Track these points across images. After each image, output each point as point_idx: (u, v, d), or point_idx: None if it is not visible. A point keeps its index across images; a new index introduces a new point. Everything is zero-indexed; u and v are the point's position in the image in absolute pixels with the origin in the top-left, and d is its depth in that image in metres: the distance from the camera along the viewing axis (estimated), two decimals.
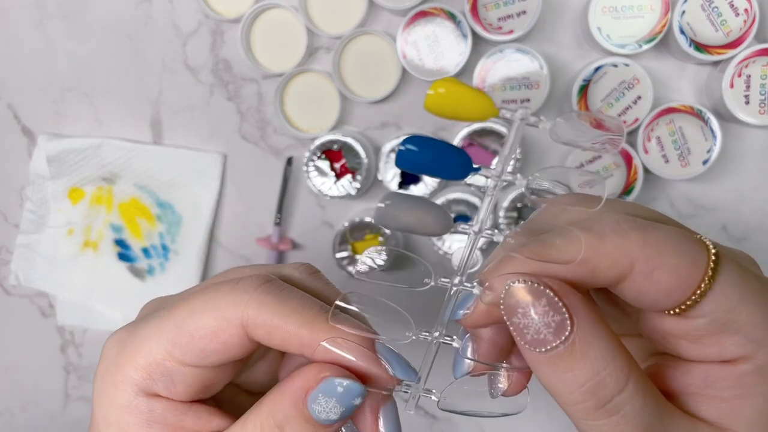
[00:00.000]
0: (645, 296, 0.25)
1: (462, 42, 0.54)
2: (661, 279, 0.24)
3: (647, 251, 0.24)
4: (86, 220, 0.62)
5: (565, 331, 0.23)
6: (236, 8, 0.58)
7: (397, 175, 0.56)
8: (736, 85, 0.52)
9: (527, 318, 0.24)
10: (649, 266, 0.24)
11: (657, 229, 0.25)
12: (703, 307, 0.24)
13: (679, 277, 0.24)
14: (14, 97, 0.63)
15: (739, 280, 0.24)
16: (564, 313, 0.23)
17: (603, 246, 0.24)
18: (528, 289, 0.24)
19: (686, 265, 0.24)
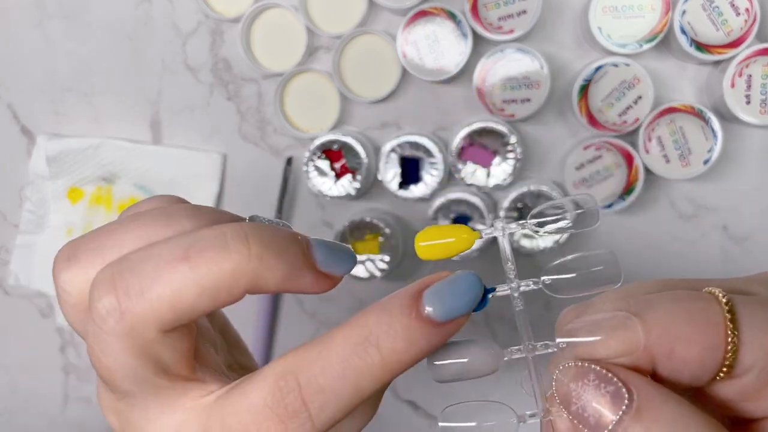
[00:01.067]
0: (681, 375, 0.23)
1: (462, 42, 0.54)
2: (685, 356, 0.22)
3: (655, 333, 0.22)
4: (86, 220, 0.62)
5: (623, 400, 0.22)
6: (236, 8, 0.57)
7: (397, 175, 0.56)
8: (737, 85, 0.52)
9: (582, 400, 0.22)
10: (666, 348, 0.22)
11: (657, 303, 0.23)
12: (742, 362, 0.23)
13: (700, 345, 0.22)
14: (14, 97, 0.63)
15: (765, 319, 0.23)
16: (615, 381, 0.22)
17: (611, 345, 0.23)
18: (574, 370, 0.23)
19: (701, 330, 0.22)
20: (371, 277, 0.57)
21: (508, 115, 0.54)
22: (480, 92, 0.54)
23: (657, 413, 0.21)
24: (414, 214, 0.60)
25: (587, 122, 0.53)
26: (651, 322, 0.23)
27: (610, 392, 0.22)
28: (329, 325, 0.62)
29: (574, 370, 0.23)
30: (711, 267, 0.57)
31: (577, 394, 0.22)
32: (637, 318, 0.23)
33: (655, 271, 0.58)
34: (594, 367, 0.22)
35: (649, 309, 0.23)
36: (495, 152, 0.55)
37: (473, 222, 0.56)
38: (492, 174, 0.55)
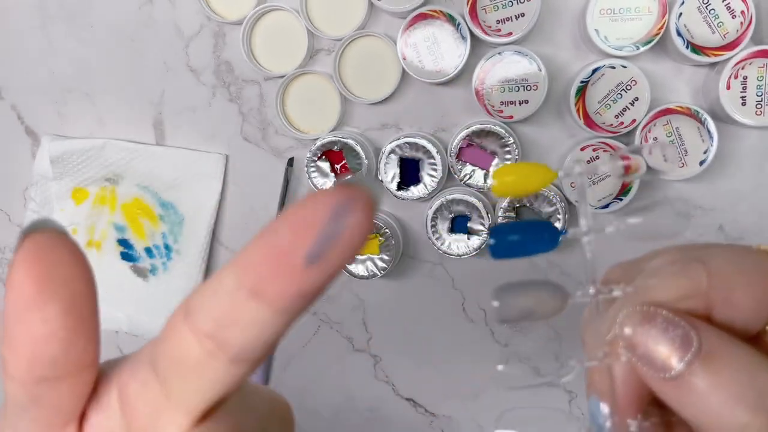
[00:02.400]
0: (736, 321, 0.23)
1: (461, 44, 0.55)
2: (741, 302, 0.23)
3: (715, 280, 0.23)
4: (89, 220, 0.63)
5: (692, 343, 0.22)
6: (238, 10, 0.58)
7: (396, 176, 0.57)
8: (732, 87, 0.52)
9: (649, 344, 0.22)
10: (723, 294, 0.23)
11: (714, 253, 0.24)
12: None
13: (756, 292, 0.23)
14: (17, 98, 0.64)
15: None
16: (684, 325, 0.22)
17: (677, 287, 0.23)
18: (640, 314, 0.23)
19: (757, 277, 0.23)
20: (371, 276, 0.58)
21: (507, 116, 0.55)
22: (478, 94, 0.55)
23: (725, 358, 0.21)
24: (413, 215, 0.60)
25: (584, 123, 0.54)
26: (711, 268, 0.23)
27: (679, 336, 0.22)
28: (330, 323, 0.63)
29: (640, 313, 0.23)
30: None
31: (644, 337, 0.22)
32: (699, 263, 0.23)
33: None
34: (662, 311, 0.22)
35: (708, 257, 0.23)
36: (493, 153, 0.56)
37: (472, 222, 0.56)
38: (490, 175, 0.56)
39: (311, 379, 0.64)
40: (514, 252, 0.24)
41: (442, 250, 0.57)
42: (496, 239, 0.24)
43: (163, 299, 0.63)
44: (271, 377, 0.64)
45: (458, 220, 0.57)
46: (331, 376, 0.64)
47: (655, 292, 0.23)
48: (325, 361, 0.64)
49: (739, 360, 0.21)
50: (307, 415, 0.65)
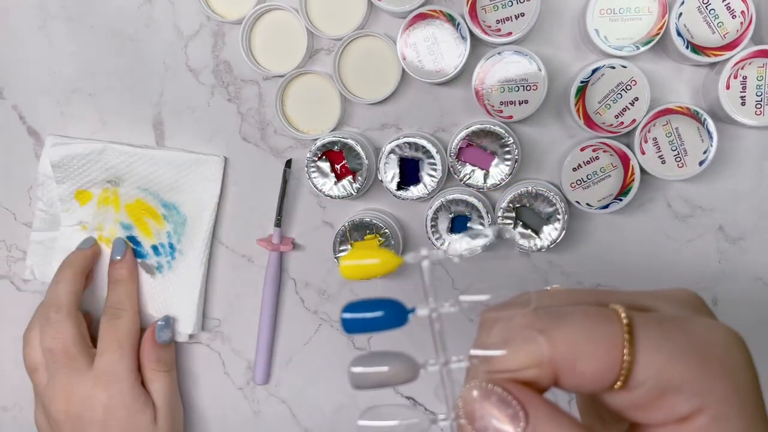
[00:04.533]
0: (581, 387, 0.25)
1: (461, 44, 0.55)
2: (584, 370, 0.25)
3: (560, 350, 0.25)
4: (97, 219, 0.63)
5: (519, 421, 0.24)
6: (237, 10, 0.58)
7: (396, 176, 0.57)
8: (732, 87, 0.52)
9: (485, 419, 0.25)
10: (568, 363, 0.25)
11: (563, 320, 0.25)
12: (635, 377, 0.25)
13: (599, 361, 0.24)
14: (19, 98, 0.64)
15: (660, 339, 0.25)
16: (515, 404, 0.24)
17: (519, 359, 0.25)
18: (478, 391, 0.25)
19: (601, 347, 0.24)
20: None
21: (506, 116, 0.55)
22: (478, 94, 0.55)
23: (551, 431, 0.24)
24: (413, 215, 0.60)
25: (584, 124, 0.54)
26: (556, 339, 0.25)
27: (509, 414, 0.24)
28: (330, 322, 0.63)
29: (478, 390, 0.25)
30: (706, 267, 0.58)
31: (481, 411, 0.25)
32: (543, 335, 0.25)
33: (650, 271, 0.59)
34: (497, 389, 0.25)
35: (555, 326, 0.25)
36: (493, 153, 0.56)
37: (472, 222, 0.56)
38: (490, 175, 0.56)
39: (312, 377, 0.65)
40: (363, 329, 0.27)
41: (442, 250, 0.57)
42: (345, 317, 0.26)
43: (169, 297, 0.64)
44: (272, 375, 0.65)
45: (458, 220, 0.57)
46: (332, 375, 0.64)
47: (503, 361, 0.25)
48: (326, 359, 0.64)
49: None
50: (309, 413, 0.65)
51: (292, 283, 0.63)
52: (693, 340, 0.25)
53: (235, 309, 0.65)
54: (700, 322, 0.26)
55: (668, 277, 0.58)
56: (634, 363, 0.24)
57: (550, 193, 0.55)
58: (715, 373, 0.25)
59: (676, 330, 0.25)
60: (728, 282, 0.58)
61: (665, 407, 0.25)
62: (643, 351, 0.24)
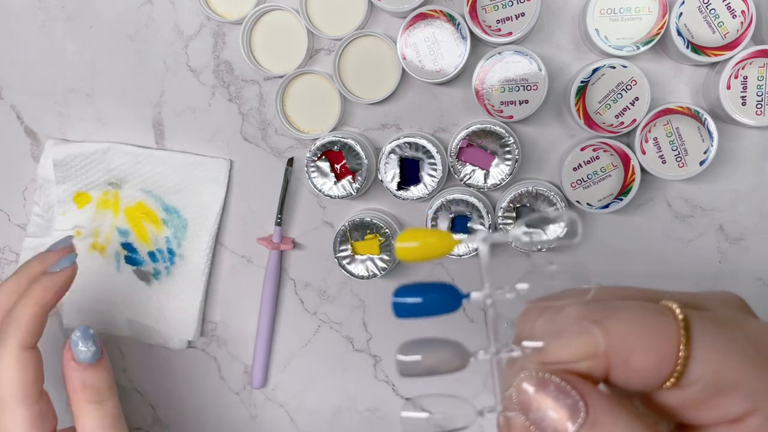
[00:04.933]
0: (633, 382, 0.25)
1: (461, 44, 0.55)
2: (638, 365, 0.24)
3: (615, 342, 0.24)
4: (94, 224, 0.63)
5: (580, 413, 0.23)
6: (237, 10, 0.58)
7: (396, 176, 0.57)
8: (732, 87, 0.52)
9: (541, 410, 0.24)
10: (622, 357, 0.24)
11: (618, 313, 0.25)
12: (690, 375, 0.24)
13: (654, 355, 0.24)
14: (17, 98, 0.64)
15: (716, 337, 0.24)
16: (574, 395, 0.23)
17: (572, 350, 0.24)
18: (534, 380, 0.24)
19: (657, 341, 0.24)
20: (372, 276, 0.58)
21: (507, 116, 0.55)
22: (478, 94, 0.55)
23: (610, 428, 0.23)
24: (414, 215, 0.60)
25: (584, 123, 0.54)
26: (611, 331, 0.24)
27: (568, 404, 0.23)
28: (330, 323, 0.63)
29: (535, 379, 0.24)
30: (707, 267, 0.58)
31: (537, 402, 0.24)
32: (598, 326, 0.24)
33: (651, 271, 0.58)
34: (555, 378, 0.24)
35: (610, 318, 0.24)
36: (493, 153, 0.56)
37: (472, 222, 0.56)
38: (490, 175, 0.56)
39: (311, 379, 0.64)
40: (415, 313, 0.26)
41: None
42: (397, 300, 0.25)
43: (166, 304, 0.63)
44: (270, 379, 0.64)
45: (458, 220, 0.57)
46: (331, 377, 0.64)
47: (556, 352, 0.25)
48: (325, 361, 0.64)
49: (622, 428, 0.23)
50: (308, 415, 0.65)
51: (291, 284, 0.63)
52: (749, 339, 0.24)
53: (232, 311, 0.64)
54: (753, 322, 0.26)
55: (668, 277, 0.58)
56: (689, 359, 0.24)
57: (550, 193, 0.55)
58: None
59: (732, 329, 0.25)
60: (728, 282, 0.58)
61: (718, 407, 0.24)
62: (699, 348, 0.24)
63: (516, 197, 0.55)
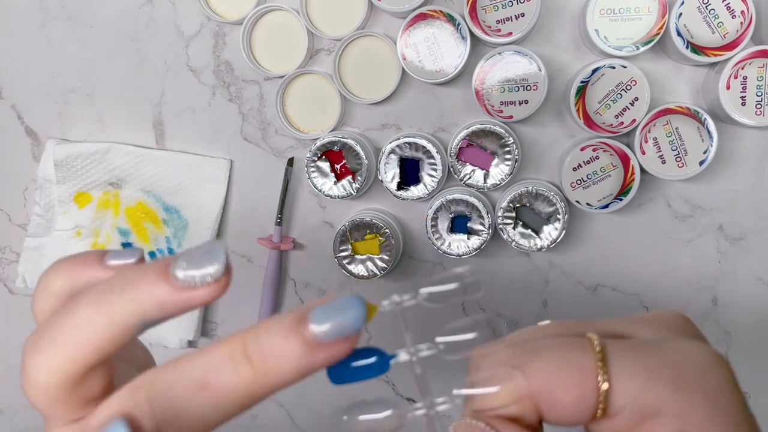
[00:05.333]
0: (563, 419, 0.25)
1: (461, 44, 0.55)
2: (562, 401, 0.25)
3: (536, 383, 0.25)
4: (94, 224, 0.63)
5: None
6: (238, 11, 0.58)
7: (396, 176, 0.57)
8: (732, 87, 0.52)
9: None
10: (545, 396, 0.25)
11: (537, 354, 0.26)
12: (614, 405, 0.25)
13: (574, 391, 0.25)
14: (18, 98, 0.64)
15: (633, 364, 0.25)
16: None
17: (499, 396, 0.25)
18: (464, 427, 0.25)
19: (574, 376, 0.25)
20: (372, 275, 0.58)
21: (506, 116, 0.55)
22: (478, 94, 0.55)
23: None
24: (414, 215, 0.60)
25: (584, 124, 0.54)
26: (531, 373, 0.25)
27: None
28: None
29: (464, 426, 0.25)
30: (706, 266, 0.58)
31: None
32: (519, 370, 0.25)
33: (651, 270, 0.58)
34: (480, 424, 0.25)
35: (530, 359, 0.25)
36: (493, 153, 0.56)
37: (472, 222, 0.56)
38: (490, 175, 0.56)
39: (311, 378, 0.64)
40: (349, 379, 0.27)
41: (442, 250, 0.57)
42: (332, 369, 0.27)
43: None
44: None
45: (458, 220, 0.57)
46: None
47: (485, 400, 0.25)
48: None
49: None
50: (308, 413, 0.65)
51: (291, 284, 0.63)
52: (668, 362, 0.25)
53: (232, 311, 0.64)
54: (677, 344, 0.26)
55: (668, 277, 0.58)
56: (610, 390, 0.24)
57: (550, 193, 0.55)
58: (693, 394, 0.24)
59: (651, 353, 0.25)
60: (728, 282, 0.58)
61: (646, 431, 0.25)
62: (618, 377, 0.24)
63: (516, 197, 0.55)
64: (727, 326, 0.59)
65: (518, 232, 0.56)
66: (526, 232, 0.56)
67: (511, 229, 0.56)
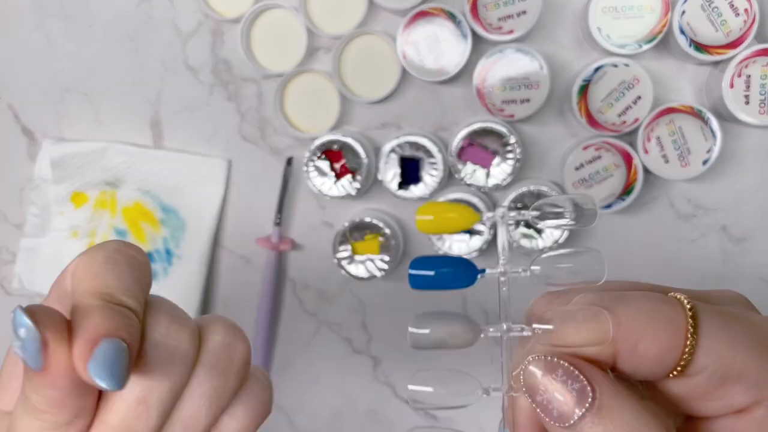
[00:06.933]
0: (640, 370, 0.25)
1: (462, 42, 0.54)
2: (646, 352, 0.24)
3: (623, 329, 0.24)
4: (91, 224, 0.62)
5: (587, 398, 0.23)
6: (236, 8, 0.58)
7: (396, 175, 0.56)
8: (736, 85, 0.52)
9: (548, 393, 0.24)
10: (630, 343, 0.24)
11: (627, 301, 0.25)
12: (696, 364, 0.24)
13: (661, 343, 0.24)
14: (14, 98, 0.63)
15: (722, 328, 0.25)
16: (582, 380, 0.23)
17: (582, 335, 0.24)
18: (543, 363, 0.24)
19: (665, 330, 0.24)
20: (371, 276, 0.57)
21: (508, 115, 0.54)
22: (480, 92, 0.54)
23: (617, 414, 0.23)
24: (414, 215, 0.60)
25: (587, 122, 0.54)
26: (620, 317, 0.24)
27: (575, 389, 0.23)
28: (329, 324, 0.62)
29: (543, 363, 0.24)
30: (710, 267, 0.57)
31: (544, 385, 0.24)
32: (609, 312, 0.24)
33: (654, 270, 0.58)
34: (563, 363, 0.24)
35: (620, 305, 0.25)
36: (494, 152, 0.55)
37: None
38: (491, 174, 0.55)
39: (311, 380, 0.64)
40: (430, 285, 0.26)
41: (443, 250, 0.56)
42: (413, 272, 0.26)
43: None
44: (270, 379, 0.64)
45: None
46: (331, 378, 0.63)
47: (565, 335, 0.25)
48: (324, 362, 0.63)
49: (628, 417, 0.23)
50: (307, 416, 0.64)
51: (291, 285, 0.62)
52: (755, 331, 0.25)
53: (231, 312, 0.64)
54: (758, 316, 0.26)
55: (671, 277, 0.58)
56: (696, 348, 0.24)
57: (552, 193, 0.54)
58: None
59: (738, 321, 0.25)
60: (732, 283, 0.57)
61: (724, 397, 0.24)
62: (706, 337, 0.24)
63: (517, 197, 0.55)
64: None
65: (520, 232, 0.55)
66: (527, 232, 0.55)
67: (512, 229, 0.55)
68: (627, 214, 0.57)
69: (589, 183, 0.55)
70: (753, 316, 0.26)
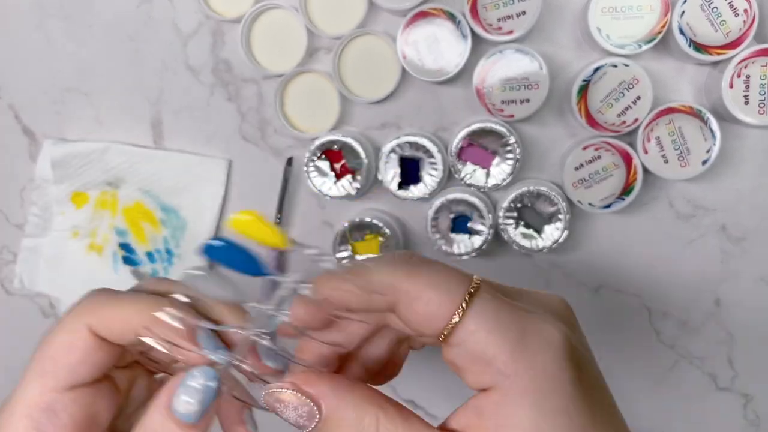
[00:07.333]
0: (410, 323, 0.29)
1: (462, 42, 0.54)
2: (418, 310, 0.28)
3: (409, 285, 0.28)
4: (92, 224, 0.62)
5: (315, 416, 0.28)
6: (236, 9, 0.58)
7: (396, 175, 0.56)
8: (735, 86, 0.52)
9: (285, 416, 0.28)
10: (409, 298, 0.28)
11: (425, 266, 0.29)
12: (456, 335, 0.28)
13: (430, 308, 0.28)
14: (15, 98, 0.63)
15: (491, 318, 0.27)
16: (309, 403, 0.28)
17: (373, 276, 0.29)
18: (276, 396, 0.28)
19: (440, 299, 0.28)
20: None
21: (508, 115, 0.54)
22: (479, 93, 0.54)
23: (341, 413, 0.28)
24: (414, 215, 0.60)
25: (586, 123, 0.54)
26: (413, 275, 0.28)
27: (305, 412, 0.28)
28: None
29: (276, 395, 0.28)
30: (709, 267, 0.58)
31: (281, 412, 0.28)
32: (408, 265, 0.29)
33: (653, 270, 0.58)
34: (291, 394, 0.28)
35: (419, 266, 0.29)
36: (494, 152, 0.55)
37: (473, 222, 0.56)
38: (491, 174, 0.56)
39: None
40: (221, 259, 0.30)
41: (443, 250, 0.56)
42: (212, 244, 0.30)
43: None
44: None
45: (459, 220, 0.56)
46: None
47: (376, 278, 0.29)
48: None
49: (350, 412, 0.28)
50: None
51: None
52: (521, 326, 0.27)
53: None
54: (540, 316, 0.28)
55: (670, 277, 0.58)
56: (460, 322, 0.27)
57: (551, 193, 0.54)
58: (527, 363, 0.27)
59: (512, 313, 0.28)
60: (731, 283, 0.58)
61: (475, 373, 0.28)
62: (473, 315, 0.27)
63: (517, 197, 0.55)
64: (730, 327, 0.58)
65: (519, 232, 0.55)
66: (527, 232, 0.56)
67: (512, 229, 0.55)
68: (626, 214, 0.57)
69: (588, 183, 0.55)
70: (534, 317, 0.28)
